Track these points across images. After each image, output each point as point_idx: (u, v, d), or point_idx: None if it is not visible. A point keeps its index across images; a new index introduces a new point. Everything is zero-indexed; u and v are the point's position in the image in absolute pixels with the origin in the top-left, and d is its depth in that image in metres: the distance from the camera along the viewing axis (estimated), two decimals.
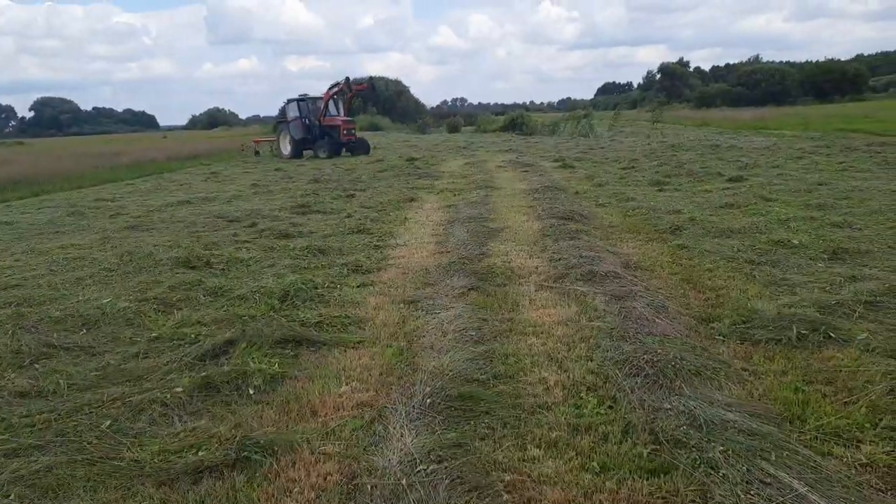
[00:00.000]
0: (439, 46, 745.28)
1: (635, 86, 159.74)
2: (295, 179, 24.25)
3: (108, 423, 6.16)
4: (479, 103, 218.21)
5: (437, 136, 57.84)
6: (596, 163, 25.56)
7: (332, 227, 14.24)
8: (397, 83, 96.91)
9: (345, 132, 35.47)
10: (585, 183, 19.81)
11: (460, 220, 14.42)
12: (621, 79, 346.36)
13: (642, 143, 35.59)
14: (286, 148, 36.51)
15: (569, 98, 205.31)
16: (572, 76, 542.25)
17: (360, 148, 35.96)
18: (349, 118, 37.10)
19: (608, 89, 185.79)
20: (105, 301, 9.21)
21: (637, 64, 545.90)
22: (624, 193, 17.07)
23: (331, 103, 36.35)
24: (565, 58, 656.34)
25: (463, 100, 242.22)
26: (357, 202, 17.69)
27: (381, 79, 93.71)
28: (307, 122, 36.03)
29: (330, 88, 38.90)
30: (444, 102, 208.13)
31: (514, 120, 58.16)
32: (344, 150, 35.88)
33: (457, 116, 75.62)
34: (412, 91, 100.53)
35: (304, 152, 36.35)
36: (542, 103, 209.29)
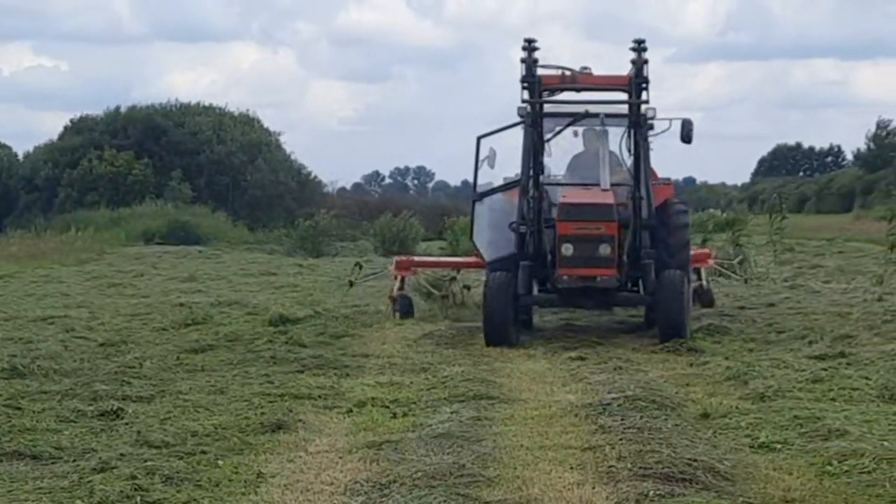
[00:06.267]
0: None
1: (849, 154, 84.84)
2: None
3: None
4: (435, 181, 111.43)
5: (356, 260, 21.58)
6: (752, 340, 12.90)
7: None
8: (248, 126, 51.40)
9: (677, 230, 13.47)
10: (726, 391, 9.72)
11: (406, 481, 6.22)
12: (820, 139, 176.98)
13: (866, 291, 17.65)
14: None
15: (692, 180, 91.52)
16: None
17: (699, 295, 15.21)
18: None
19: (781, 159, 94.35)
20: None
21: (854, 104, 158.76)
22: (821, 419, 8.01)
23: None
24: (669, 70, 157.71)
25: (411, 172, 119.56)
26: (126, 432, 7.60)
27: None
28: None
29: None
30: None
31: None
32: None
33: (404, 213, 36.00)
34: (287, 151, 53.64)
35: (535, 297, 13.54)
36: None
